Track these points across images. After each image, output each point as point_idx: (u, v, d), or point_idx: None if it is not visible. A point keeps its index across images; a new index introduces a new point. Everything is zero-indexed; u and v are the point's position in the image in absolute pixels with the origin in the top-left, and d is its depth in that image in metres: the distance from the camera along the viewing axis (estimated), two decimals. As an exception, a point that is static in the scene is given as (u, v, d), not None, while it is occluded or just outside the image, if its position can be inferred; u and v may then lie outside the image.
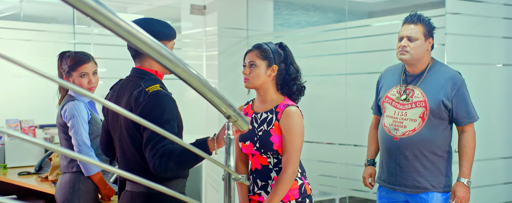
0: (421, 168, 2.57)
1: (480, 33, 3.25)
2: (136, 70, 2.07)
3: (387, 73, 2.79)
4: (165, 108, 1.89)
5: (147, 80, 1.98)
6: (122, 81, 2.13)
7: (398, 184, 2.63)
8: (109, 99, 2.14)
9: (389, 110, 2.65)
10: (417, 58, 2.57)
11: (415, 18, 2.59)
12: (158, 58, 1.21)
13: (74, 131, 2.69)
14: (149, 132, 1.86)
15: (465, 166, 2.54)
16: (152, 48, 1.18)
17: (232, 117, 1.54)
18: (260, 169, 2.27)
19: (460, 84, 2.54)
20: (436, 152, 2.57)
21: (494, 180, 3.34)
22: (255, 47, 2.27)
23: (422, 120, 2.55)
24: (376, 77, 4.12)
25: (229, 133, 1.54)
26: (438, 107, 2.52)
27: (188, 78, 1.31)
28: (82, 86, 2.72)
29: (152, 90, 1.91)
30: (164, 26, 2.06)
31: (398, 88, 2.65)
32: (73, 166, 2.72)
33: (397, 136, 2.60)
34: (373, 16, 5.94)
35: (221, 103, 1.45)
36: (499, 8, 3.30)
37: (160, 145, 1.83)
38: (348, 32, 4.22)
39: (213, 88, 1.39)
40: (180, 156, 1.81)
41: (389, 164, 2.66)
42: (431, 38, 2.58)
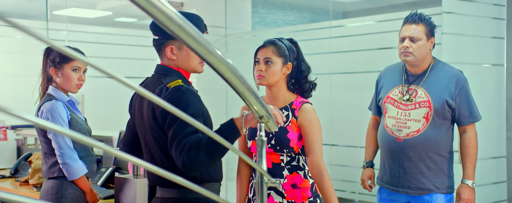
0: (425, 169, 2.52)
1: (472, 33, 3.26)
2: (159, 67, 1.98)
3: (387, 73, 2.72)
4: (188, 103, 1.78)
5: (169, 76, 1.89)
6: (148, 79, 2.04)
7: (402, 186, 2.58)
8: (135, 98, 2.05)
9: (391, 110, 2.59)
10: (421, 59, 2.51)
11: (416, 17, 2.51)
12: (205, 55, 1.11)
13: (53, 133, 2.51)
14: (173, 129, 1.75)
15: (469, 167, 2.50)
16: (198, 42, 1.07)
17: (264, 118, 1.44)
18: (271, 167, 2.18)
19: (463, 83, 2.49)
20: (440, 153, 2.53)
21: (484, 180, 3.36)
22: (270, 43, 2.19)
23: (426, 121, 2.50)
24: (361, 76, 4.14)
25: (261, 135, 1.44)
26: (442, 107, 2.47)
27: (229, 76, 1.21)
28: (71, 80, 2.56)
29: (173, 86, 1.82)
30: (200, 21, 1.98)
31: (400, 88, 2.58)
32: (54, 171, 2.54)
33: (401, 137, 2.54)
34: (347, 16, 5.95)
35: (256, 103, 1.36)
36: (489, 8, 3.33)
37: (188, 139, 1.72)
38: (332, 31, 4.19)
39: (251, 87, 1.29)
40: (209, 145, 1.69)
41: (392, 166, 2.60)
42: (433, 38, 2.53)
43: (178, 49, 1.96)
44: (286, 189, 2.18)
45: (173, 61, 1.95)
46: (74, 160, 2.47)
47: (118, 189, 2.33)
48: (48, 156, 2.52)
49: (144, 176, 2.36)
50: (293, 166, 2.20)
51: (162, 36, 1.95)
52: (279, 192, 2.18)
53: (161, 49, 1.95)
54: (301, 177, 2.21)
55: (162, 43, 1.95)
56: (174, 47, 1.95)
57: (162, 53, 1.95)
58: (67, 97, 2.56)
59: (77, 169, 2.47)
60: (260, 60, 2.17)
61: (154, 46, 1.97)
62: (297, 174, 2.20)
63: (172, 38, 1.93)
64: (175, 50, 1.95)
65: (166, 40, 1.95)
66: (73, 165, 2.46)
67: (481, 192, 3.43)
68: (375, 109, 2.76)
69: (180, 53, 1.96)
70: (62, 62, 2.57)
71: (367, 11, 5.75)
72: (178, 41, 1.95)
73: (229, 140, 1.72)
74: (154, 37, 1.98)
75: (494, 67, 3.38)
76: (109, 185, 2.97)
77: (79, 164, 2.48)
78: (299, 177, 2.20)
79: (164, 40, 1.95)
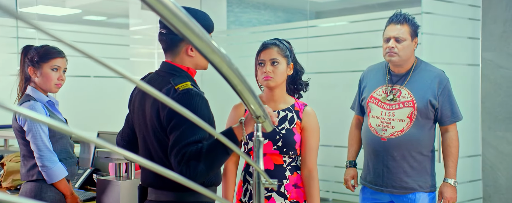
0: (408, 169, 2.54)
1: (449, 33, 3.32)
2: (167, 65, 1.87)
3: (369, 72, 2.72)
4: (196, 108, 1.70)
5: (177, 77, 1.78)
6: (151, 75, 1.93)
7: (386, 185, 2.59)
8: (136, 95, 1.93)
9: (375, 110, 2.60)
10: (405, 59, 2.52)
11: (401, 18, 2.51)
12: (208, 54, 1.09)
13: (32, 135, 2.42)
14: (175, 136, 1.67)
15: (451, 166, 2.53)
16: (202, 40, 1.05)
17: (261, 118, 1.42)
18: (272, 169, 2.17)
19: (445, 83, 2.52)
20: (423, 152, 2.55)
21: (460, 178, 3.41)
22: (273, 44, 2.19)
23: (410, 120, 2.51)
24: (339, 76, 4.17)
25: (258, 135, 1.41)
26: (425, 106, 2.49)
27: (230, 75, 1.18)
28: (51, 80, 2.47)
29: (182, 88, 1.72)
30: (201, 18, 1.84)
31: (384, 88, 2.59)
32: (33, 174, 2.45)
33: (385, 137, 2.55)
34: (320, 16, 5.98)
35: (254, 102, 1.33)
36: (465, 9, 3.38)
37: (185, 150, 1.64)
38: (309, 31, 4.19)
39: (250, 87, 1.27)
40: (209, 155, 1.63)
41: (376, 165, 2.61)
42: (416, 38, 2.55)
43: None
44: (289, 190, 2.18)
45: (191, 59, 1.85)
46: (54, 163, 2.40)
47: (100, 192, 2.27)
48: (26, 159, 2.44)
49: (127, 177, 2.31)
50: (293, 166, 2.21)
51: None
52: (281, 193, 2.17)
53: (178, 45, 1.82)
54: (301, 176, 2.23)
55: (180, 39, 1.81)
56: None
57: (177, 50, 1.83)
58: (46, 98, 2.47)
59: (57, 172, 2.39)
60: (266, 61, 2.15)
61: (164, 41, 1.85)
62: (297, 174, 2.21)
63: None
64: None
65: None
66: (52, 167, 2.38)
67: (458, 190, 3.49)
68: (358, 109, 2.76)
69: None
70: (41, 62, 2.49)
71: (341, 11, 5.79)
72: None
73: (228, 149, 1.67)
74: (162, 31, 1.83)
75: (470, 67, 3.44)
76: (87, 187, 2.89)
77: (59, 166, 2.40)
78: (299, 177, 2.21)
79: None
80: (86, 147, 3.14)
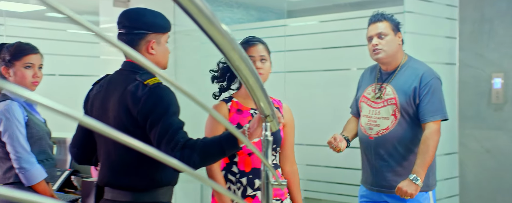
0: (397, 168, 2.52)
1: (429, 32, 3.36)
2: (129, 63, 1.86)
3: (365, 73, 2.75)
4: (170, 101, 1.72)
5: (143, 74, 1.78)
6: (111, 75, 1.91)
7: (375, 185, 2.59)
8: (96, 95, 1.90)
9: (365, 109, 2.61)
10: (391, 54, 2.52)
11: (379, 16, 2.57)
12: (228, 51, 1.06)
13: (8, 136, 2.33)
14: (159, 126, 1.66)
15: (418, 163, 2.42)
16: (225, 38, 1.03)
17: (269, 117, 1.39)
18: (260, 168, 2.14)
19: (430, 79, 2.48)
20: (411, 149, 2.52)
21: (438, 176, 3.46)
22: (260, 41, 2.24)
23: (394, 118, 2.51)
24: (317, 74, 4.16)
25: (266, 134, 1.38)
26: (408, 103, 2.47)
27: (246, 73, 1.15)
28: (25, 78, 2.38)
29: (152, 83, 1.73)
30: (158, 17, 1.87)
31: (373, 87, 2.61)
32: (10, 176, 2.35)
33: (372, 136, 2.55)
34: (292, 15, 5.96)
35: (264, 101, 1.30)
36: (443, 8, 3.43)
37: (179, 136, 1.64)
38: (280, 30, 4.18)
39: (263, 86, 1.24)
40: (204, 148, 1.63)
41: (366, 165, 2.63)
42: (399, 33, 2.56)
43: (158, 44, 1.86)
44: (274, 189, 2.18)
45: (152, 57, 1.84)
46: (32, 164, 2.30)
47: (85, 194, 2.19)
48: (3, 161, 2.34)
49: (113, 179, 2.23)
50: (274, 164, 2.23)
51: (142, 29, 1.82)
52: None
53: (138, 43, 1.82)
54: (280, 173, 2.25)
55: (141, 37, 1.82)
56: (155, 41, 1.85)
57: (138, 48, 1.82)
58: None
59: (35, 174, 2.30)
60: (256, 57, 2.17)
61: (124, 41, 1.83)
62: (278, 171, 2.22)
63: (153, 31, 1.83)
64: (155, 44, 1.85)
65: (146, 34, 1.83)
66: (30, 169, 2.29)
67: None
68: (354, 109, 2.75)
69: (159, 48, 1.87)
70: (13, 60, 2.39)
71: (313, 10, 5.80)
72: (158, 35, 1.86)
73: (226, 152, 1.66)
74: (122, 31, 1.83)
75: (447, 66, 3.50)
76: (65, 190, 2.78)
77: (37, 168, 2.30)
78: (279, 174, 2.23)
79: (143, 34, 1.83)
80: (62, 147, 3.03)
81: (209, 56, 4.80)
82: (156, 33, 1.84)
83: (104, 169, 1.88)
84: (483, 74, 4.44)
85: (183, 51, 4.73)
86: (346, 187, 3.65)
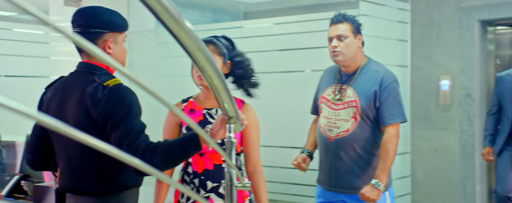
0: (356, 169, 2.55)
1: (382, 35, 3.43)
2: (85, 64, 1.81)
3: (325, 74, 2.75)
4: (131, 103, 1.68)
5: (102, 75, 1.73)
6: (65, 77, 1.85)
7: (335, 186, 2.60)
8: (51, 98, 1.82)
9: (325, 110, 2.62)
10: (351, 57, 2.54)
11: (340, 17, 2.57)
12: (194, 52, 1.04)
13: None
14: (120, 129, 1.62)
15: (379, 168, 2.46)
16: (192, 38, 1.01)
17: (233, 118, 1.38)
18: (212, 169, 2.12)
19: (389, 83, 2.51)
20: (371, 151, 2.54)
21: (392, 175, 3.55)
22: (208, 42, 2.15)
23: (354, 120, 2.52)
24: (274, 76, 4.18)
25: (230, 136, 1.37)
26: (368, 105, 2.50)
27: (212, 74, 1.14)
28: None
29: (112, 84, 1.69)
30: (115, 15, 1.82)
31: (333, 88, 2.62)
32: None
33: (332, 137, 2.57)
34: (248, 17, 5.97)
35: (229, 102, 1.30)
36: (395, 12, 3.52)
37: (140, 140, 1.60)
38: (237, 31, 4.18)
39: (228, 87, 1.23)
40: (166, 151, 1.60)
41: (325, 165, 2.63)
42: (359, 35, 2.57)
43: (115, 43, 1.81)
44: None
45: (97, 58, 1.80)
46: None
47: (37, 199, 2.11)
48: (-51, 166, 2.21)
49: (68, 183, 2.16)
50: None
51: (99, 27, 1.76)
52: (220, 194, 2.13)
53: (95, 43, 1.77)
54: (239, 177, 2.20)
55: (97, 36, 1.77)
56: (112, 40, 1.79)
57: None
58: None
59: None
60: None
61: None
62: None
63: (111, 30, 1.77)
64: (112, 44, 1.80)
65: (103, 33, 1.77)
66: (-22, 174, 2.18)
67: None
68: (313, 109, 2.78)
69: (116, 47, 1.82)
70: None
71: (268, 12, 5.82)
72: (115, 34, 1.81)
73: (189, 153, 1.64)
74: (76, 30, 1.77)
75: (400, 68, 3.59)
76: (15, 195, 2.67)
77: (-15, 173, 2.20)
78: (237, 178, 2.18)
79: (100, 33, 1.77)
80: (12, 151, 2.91)
81: (163, 57, 4.74)
82: (113, 32, 1.79)
83: (65, 175, 1.80)
84: (432, 77, 4.59)
85: (137, 52, 4.65)
86: (302, 187, 3.68)
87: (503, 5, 4.22)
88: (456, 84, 4.50)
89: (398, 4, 3.54)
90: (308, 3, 5.17)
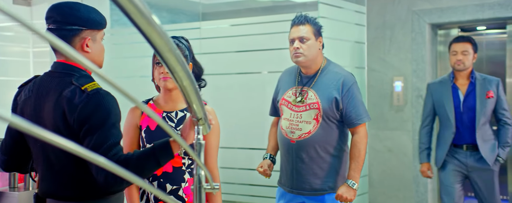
0: (318, 170, 2.56)
1: (341, 37, 3.49)
2: (61, 64, 1.71)
3: (284, 75, 2.75)
4: (110, 110, 1.60)
5: (79, 77, 1.65)
6: (40, 77, 1.74)
7: (296, 187, 2.60)
8: (25, 101, 1.73)
9: (286, 112, 2.62)
10: (312, 59, 2.56)
11: (302, 18, 2.58)
12: (165, 52, 1.03)
13: None
14: (94, 138, 1.55)
15: (353, 168, 2.51)
16: (163, 39, 1.01)
17: (201, 120, 1.37)
18: (171, 172, 2.08)
19: (350, 85, 2.54)
20: (332, 153, 2.57)
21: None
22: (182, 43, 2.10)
23: (316, 122, 2.53)
24: (231, 77, 4.17)
25: (199, 138, 1.36)
26: (330, 108, 2.52)
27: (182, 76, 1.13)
28: None
29: (90, 89, 1.61)
30: (93, 12, 1.73)
31: (294, 90, 2.62)
32: None
33: (294, 139, 2.57)
34: (205, 18, 5.94)
35: (198, 104, 1.28)
36: (352, 14, 3.58)
37: (112, 153, 1.53)
38: (194, 32, 4.15)
39: (197, 89, 1.22)
40: (138, 163, 1.54)
41: (287, 167, 2.63)
42: (320, 37, 2.59)
43: (93, 41, 1.73)
44: (187, 193, 2.11)
45: (87, 55, 1.70)
46: None
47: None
48: None
49: (24, 188, 2.08)
50: (193, 169, 2.14)
51: (77, 24, 1.67)
52: (179, 197, 2.10)
53: (72, 40, 1.68)
54: (208, 179, 2.18)
55: (75, 33, 1.67)
56: (90, 38, 1.71)
57: (71, 46, 1.67)
58: None
59: None
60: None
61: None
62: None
63: (89, 27, 1.70)
64: (90, 42, 1.72)
65: (80, 30, 1.68)
66: None
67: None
68: (272, 110, 2.78)
69: (94, 46, 1.73)
70: None
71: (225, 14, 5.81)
72: (93, 32, 1.73)
73: (162, 163, 1.60)
74: (51, 27, 1.67)
75: (357, 70, 3.65)
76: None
77: None
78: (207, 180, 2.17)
79: (78, 30, 1.68)
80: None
81: (120, 58, 4.64)
82: (92, 29, 1.71)
83: (47, 180, 1.73)
84: (386, 78, 4.71)
85: (91, 53, 4.54)
86: (262, 189, 3.69)
87: (452, 9, 4.37)
88: (409, 85, 4.64)
89: (355, 7, 3.61)
90: (266, 5, 5.19)
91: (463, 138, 3.53)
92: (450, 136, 3.53)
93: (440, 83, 3.61)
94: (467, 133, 3.51)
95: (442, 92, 3.57)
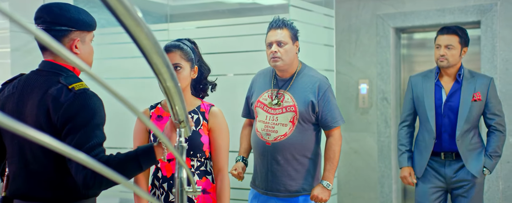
0: (293, 172, 2.58)
1: (310, 40, 3.52)
2: (49, 64, 1.69)
3: (258, 77, 2.75)
4: (95, 110, 1.59)
5: (67, 77, 1.64)
6: (26, 75, 1.72)
7: (271, 189, 2.61)
8: (8, 97, 1.71)
9: (261, 115, 2.63)
10: (289, 63, 2.57)
11: (280, 22, 2.58)
12: (151, 54, 1.03)
13: None
14: (77, 137, 1.53)
15: (328, 169, 2.56)
16: (150, 40, 1.01)
17: (183, 123, 1.36)
18: None
19: (326, 88, 2.57)
20: (307, 155, 2.59)
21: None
22: (176, 47, 2.11)
23: (292, 125, 2.55)
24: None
25: (181, 141, 1.35)
26: (306, 111, 2.54)
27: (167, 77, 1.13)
28: None
29: (78, 88, 1.60)
30: (83, 13, 1.72)
31: (270, 93, 2.63)
32: None
33: (269, 141, 2.58)
34: (172, 20, 5.89)
35: (180, 106, 1.28)
36: (321, 18, 3.63)
37: (93, 153, 1.51)
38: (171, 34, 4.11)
39: (181, 91, 1.22)
40: (119, 166, 1.53)
41: (262, 169, 2.64)
42: (297, 41, 2.62)
43: (82, 43, 1.71)
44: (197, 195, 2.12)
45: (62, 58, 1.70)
46: None
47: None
48: None
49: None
50: (202, 171, 2.16)
51: (66, 25, 1.65)
52: (189, 199, 2.10)
53: (61, 41, 1.66)
54: (210, 181, 2.18)
55: (64, 34, 1.66)
56: (79, 39, 1.69)
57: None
58: None
59: None
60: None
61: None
62: (206, 179, 2.17)
63: (78, 28, 1.68)
64: (79, 43, 1.69)
65: (70, 31, 1.66)
66: None
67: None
68: (245, 112, 2.78)
69: (84, 47, 1.71)
70: None
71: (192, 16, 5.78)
72: (83, 33, 1.70)
73: (144, 167, 1.59)
74: (41, 27, 1.65)
75: (327, 72, 3.70)
76: None
77: None
78: (208, 182, 2.17)
79: (67, 31, 1.66)
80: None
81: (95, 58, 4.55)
82: (81, 31, 1.69)
83: (19, 180, 1.68)
84: (351, 81, 4.79)
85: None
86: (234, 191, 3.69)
87: (415, 14, 4.49)
88: (374, 88, 4.73)
89: (324, 10, 3.65)
90: (233, 7, 5.19)
91: (442, 145, 3.02)
92: (431, 141, 3.03)
93: (424, 77, 3.11)
94: (447, 140, 3.01)
95: (424, 88, 3.06)
